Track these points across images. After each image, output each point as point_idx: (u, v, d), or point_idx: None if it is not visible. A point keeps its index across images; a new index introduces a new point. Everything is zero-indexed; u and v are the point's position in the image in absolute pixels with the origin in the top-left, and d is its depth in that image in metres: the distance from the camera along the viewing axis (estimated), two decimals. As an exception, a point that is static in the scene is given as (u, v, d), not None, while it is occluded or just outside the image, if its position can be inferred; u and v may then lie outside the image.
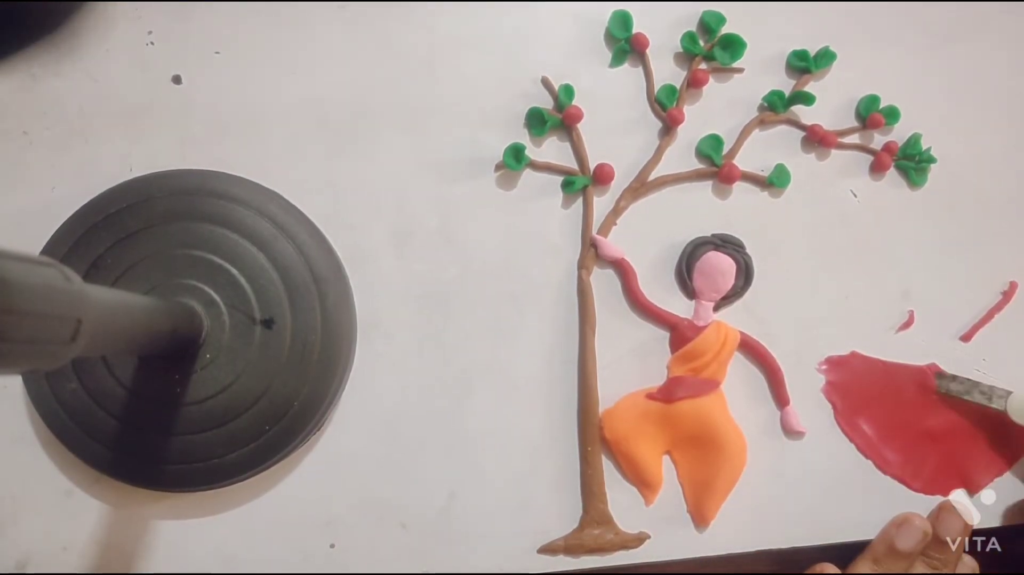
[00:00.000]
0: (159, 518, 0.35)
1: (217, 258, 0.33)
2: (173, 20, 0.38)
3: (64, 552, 0.35)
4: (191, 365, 0.32)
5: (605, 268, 0.38)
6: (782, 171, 0.38)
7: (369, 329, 0.36)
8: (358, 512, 0.35)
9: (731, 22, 0.39)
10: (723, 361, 0.36)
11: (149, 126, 0.37)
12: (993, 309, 0.38)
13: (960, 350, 0.38)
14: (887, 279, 0.38)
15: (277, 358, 0.33)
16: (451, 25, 0.39)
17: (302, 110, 0.38)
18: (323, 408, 0.34)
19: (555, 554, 0.35)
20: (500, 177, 0.38)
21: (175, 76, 0.38)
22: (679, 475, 0.36)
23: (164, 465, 0.33)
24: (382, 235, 0.37)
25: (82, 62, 0.38)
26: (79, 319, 0.21)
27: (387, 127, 0.38)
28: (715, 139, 0.38)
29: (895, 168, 0.39)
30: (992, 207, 0.39)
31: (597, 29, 0.39)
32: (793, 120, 0.39)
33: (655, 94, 0.39)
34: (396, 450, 0.36)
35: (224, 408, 0.32)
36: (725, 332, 0.36)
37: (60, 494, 0.35)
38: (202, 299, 0.33)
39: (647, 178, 0.38)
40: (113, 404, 0.33)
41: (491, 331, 0.37)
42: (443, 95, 0.38)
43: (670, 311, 0.37)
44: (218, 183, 0.35)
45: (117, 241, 0.33)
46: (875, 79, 0.40)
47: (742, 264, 0.37)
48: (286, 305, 0.33)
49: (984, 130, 0.40)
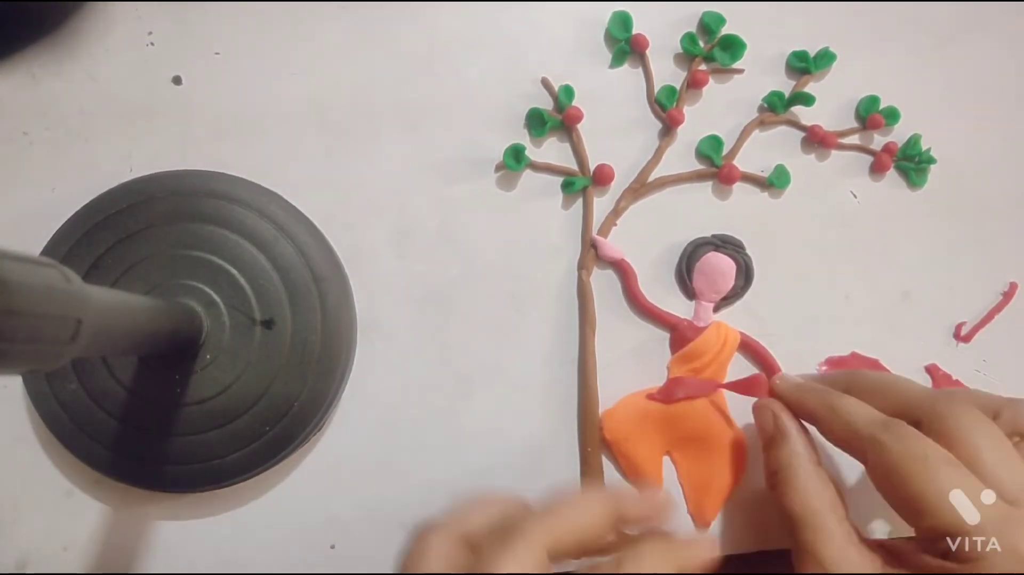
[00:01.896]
0: (159, 518, 0.35)
1: (217, 259, 0.33)
2: (173, 20, 0.38)
3: (64, 552, 0.34)
4: (191, 365, 0.32)
5: (605, 268, 0.38)
6: (782, 172, 0.38)
7: (369, 329, 0.36)
8: (358, 512, 0.35)
9: (731, 23, 0.39)
10: (723, 362, 0.36)
11: (149, 126, 0.37)
12: (993, 309, 0.38)
13: (960, 350, 0.38)
14: (887, 279, 0.38)
15: (277, 358, 0.33)
16: (451, 25, 0.39)
17: (302, 110, 0.38)
18: (323, 408, 0.34)
19: (555, 554, 0.35)
20: (500, 177, 0.38)
21: (175, 76, 0.38)
22: (679, 476, 0.36)
23: (164, 466, 0.33)
24: (382, 235, 0.37)
25: (82, 62, 0.38)
26: (79, 319, 0.21)
27: (387, 127, 0.38)
28: (715, 140, 0.38)
29: (895, 169, 0.39)
30: (992, 207, 0.39)
31: (597, 30, 0.39)
32: (793, 121, 0.39)
33: (655, 95, 0.39)
34: (396, 450, 0.36)
35: (224, 409, 0.32)
36: (725, 333, 0.36)
37: (60, 494, 0.35)
38: (202, 300, 0.33)
39: (647, 179, 0.38)
40: (113, 404, 0.33)
41: (491, 331, 0.37)
42: (443, 95, 0.38)
43: (670, 312, 0.37)
44: (218, 184, 0.35)
45: (117, 241, 0.33)
46: (875, 79, 0.40)
47: (742, 264, 0.37)
48: (286, 305, 0.33)
49: (984, 130, 0.40)
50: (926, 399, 0.29)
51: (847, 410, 0.30)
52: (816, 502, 0.29)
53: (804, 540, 0.28)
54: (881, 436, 0.28)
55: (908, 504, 0.27)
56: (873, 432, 0.28)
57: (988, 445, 0.27)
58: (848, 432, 0.29)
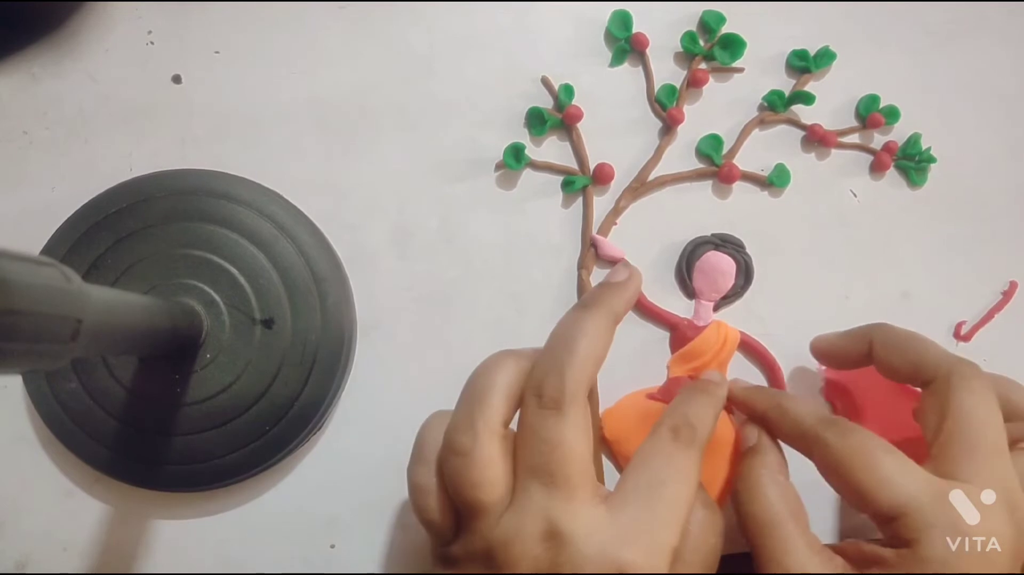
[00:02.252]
0: (159, 518, 0.35)
1: (217, 258, 0.33)
2: (173, 20, 0.38)
3: (64, 552, 0.34)
4: (191, 365, 0.32)
5: (605, 268, 0.38)
6: (782, 171, 0.38)
7: (369, 329, 0.36)
8: (358, 512, 0.35)
9: (731, 22, 0.39)
10: (723, 361, 0.36)
11: (149, 126, 0.37)
12: (993, 309, 0.38)
13: (960, 350, 0.38)
14: (887, 279, 0.38)
15: (277, 358, 0.33)
16: (451, 25, 0.39)
17: (302, 110, 0.38)
18: (323, 408, 0.34)
19: (555, 554, 0.35)
20: (500, 177, 0.38)
21: (175, 76, 0.38)
22: (679, 475, 0.36)
23: (164, 465, 0.33)
24: (382, 235, 0.37)
25: (82, 62, 0.38)
26: (79, 319, 0.21)
27: (387, 127, 0.38)
28: (715, 139, 0.38)
29: (895, 168, 0.39)
30: (992, 207, 0.39)
31: (597, 29, 0.39)
32: (793, 120, 0.39)
33: (655, 94, 0.39)
34: (396, 450, 0.35)
35: (224, 408, 0.32)
36: (725, 332, 0.36)
37: (60, 494, 0.35)
38: (202, 299, 0.33)
39: (647, 178, 0.38)
40: (113, 404, 0.33)
41: (491, 331, 0.37)
42: (443, 95, 0.38)
43: (670, 311, 0.37)
44: (218, 183, 0.35)
45: (117, 241, 0.33)
46: (875, 79, 0.40)
47: (742, 264, 0.37)
48: (286, 305, 0.33)
49: (984, 130, 0.40)
50: (943, 363, 0.30)
51: (794, 410, 0.31)
52: (779, 508, 0.29)
53: (766, 546, 0.29)
54: (824, 434, 0.29)
55: (853, 494, 0.28)
56: (817, 430, 0.29)
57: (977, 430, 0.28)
58: (795, 430, 0.30)
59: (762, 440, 0.32)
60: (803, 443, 0.30)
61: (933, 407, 0.29)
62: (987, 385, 0.29)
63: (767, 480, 0.30)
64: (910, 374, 0.31)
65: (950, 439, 0.28)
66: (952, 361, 0.30)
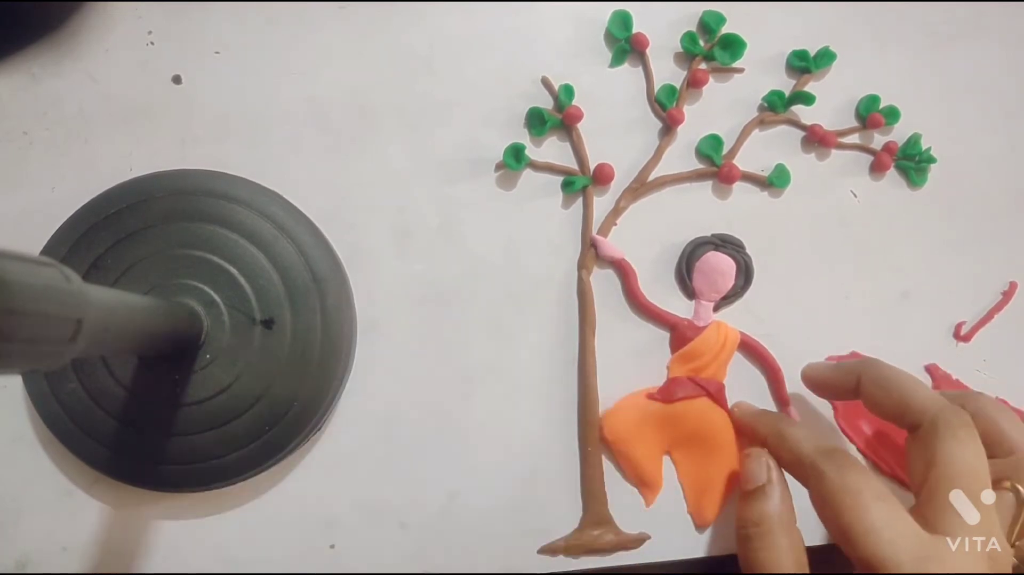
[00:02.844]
0: (159, 518, 0.35)
1: (217, 258, 0.33)
2: (173, 20, 0.38)
3: (64, 552, 0.34)
4: (191, 365, 0.32)
5: (605, 268, 0.38)
6: (782, 171, 0.38)
7: (369, 329, 0.36)
8: (358, 512, 0.35)
9: (731, 22, 0.39)
10: (723, 361, 0.36)
11: (149, 126, 0.37)
12: (993, 309, 0.38)
13: (960, 350, 0.38)
14: (887, 279, 0.38)
15: (277, 358, 0.33)
16: (451, 25, 0.39)
17: (302, 110, 0.38)
18: (323, 408, 0.34)
19: (555, 554, 0.35)
20: (500, 177, 0.38)
21: (175, 76, 0.38)
22: (679, 475, 0.36)
23: (164, 465, 0.33)
24: (382, 235, 0.37)
25: (82, 62, 0.38)
26: (79, 319, 0.21)
27: (387, 127, 0.38)
28: (715, 139, 0.38)
29: (895, 168, 0.39)
30: (992, 207, 0.40)
31: (597, 29, 0.39)
32: (793, 120, 0.39)
33: (655, 94, 0.39)
34: (396, 450, 0.36)
35: (224, 408, 0.32)
36: (725, 332, 0.36)
37: (60, 494, 0.35)
38: (202, 299, 0.33)
39: (647, 178, 0.38)
40: (113, 404, 0.33)
41: (491, 331, 0.37)
42: (443, 95, 0.38)
43: (670, 311, 0.37)
44: (218, 183, 0.35)
45: (117, 241, 0.33)
46: (875, 79, 0.40)
47: (742, 264, 0.37)
48: (286, 305, 0.33)
49: (984, 130, 0.40)
50: (928, 409, 0.30)
51: (794, 437, 0.31)
52: (786, 562, 0.29)
53: None
54: (822, 465, 0.29)
55: (838, 534, 0.28)
56: (815, 460, 0.29)
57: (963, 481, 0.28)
58: (793, 458, 0.31)
59: (775, 478, 0.32)
60: (800, 470, 0.30)
61: (919, 454, 0.29)
62: (973, 434, 0.29)
63: (776, 529, 0.30)
64: (896, 415, 0.31)
65: (936, 488, 0.28)
66: (939, 407, 0.30)
